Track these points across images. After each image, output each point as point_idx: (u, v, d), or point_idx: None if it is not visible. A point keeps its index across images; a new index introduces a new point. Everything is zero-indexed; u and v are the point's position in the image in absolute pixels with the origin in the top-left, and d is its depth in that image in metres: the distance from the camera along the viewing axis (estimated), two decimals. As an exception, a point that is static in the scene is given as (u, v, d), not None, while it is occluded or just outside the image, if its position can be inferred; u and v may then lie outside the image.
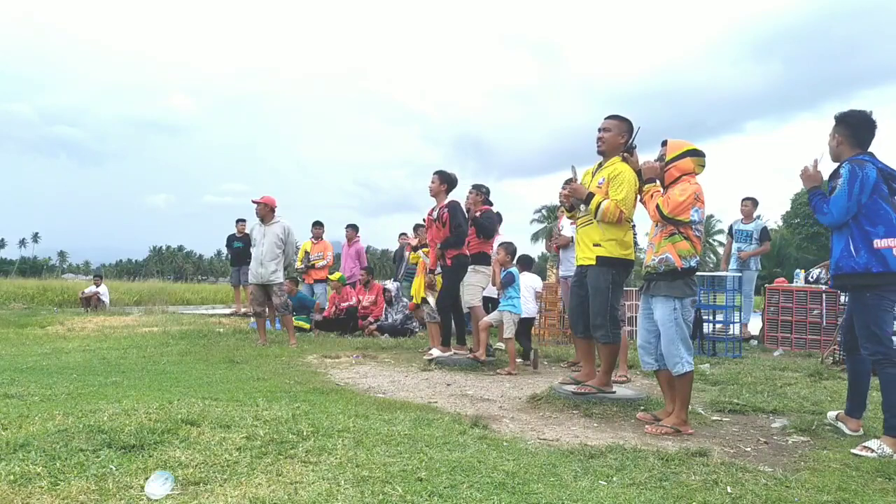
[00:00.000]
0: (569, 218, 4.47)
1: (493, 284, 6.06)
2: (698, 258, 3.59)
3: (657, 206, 3.56)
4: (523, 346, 6.40)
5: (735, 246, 8.42)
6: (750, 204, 8.54)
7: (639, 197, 4.06)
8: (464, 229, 5.94)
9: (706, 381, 5.20)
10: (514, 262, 6.02)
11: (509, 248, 5.85)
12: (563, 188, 4.32)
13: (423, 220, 6.48)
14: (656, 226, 3.68)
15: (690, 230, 3.54)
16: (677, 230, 3.54)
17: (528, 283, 6.72)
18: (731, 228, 8.76)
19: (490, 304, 6.68)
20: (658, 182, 3.75)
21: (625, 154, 4.05)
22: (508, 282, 5.71)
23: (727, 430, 3.63)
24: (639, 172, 4.03)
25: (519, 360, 5.99)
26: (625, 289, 4.43)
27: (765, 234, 8.47)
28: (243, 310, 11.05)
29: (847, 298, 3.76)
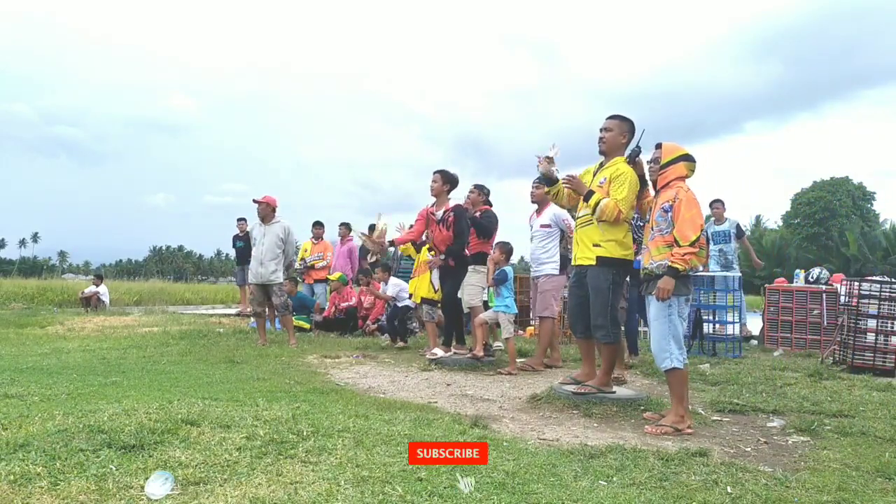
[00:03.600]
0: (546, 194, 4.44)
1: (488, 283, 6.06)
2: (700, 268, 3.64)
3: (675, 240, 3.51)
4: (399, 331, 7.31)
5: (716, 248, 8.52)
6: (720, 206, 8.79)
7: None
8: (466, 237, 5.97)
9: (706, 381, 5.20)
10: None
11: (505, 247, 5.84)
12: (543, 160, 4.27)
13: (420, 215, 6.41)
14: (652, 229, 3.69)
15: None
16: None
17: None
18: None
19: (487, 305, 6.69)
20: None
21: (634, 158, 4.04)
22: (501, 279, 5.69)
23: (727, 430, 3.63)
24: (642, 177, 4.03)
25: (521, 359, 5.99)
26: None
27: (740, 230, 8.77)
28: (248, 310, 11.03)
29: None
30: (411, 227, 6.49)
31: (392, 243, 6.58)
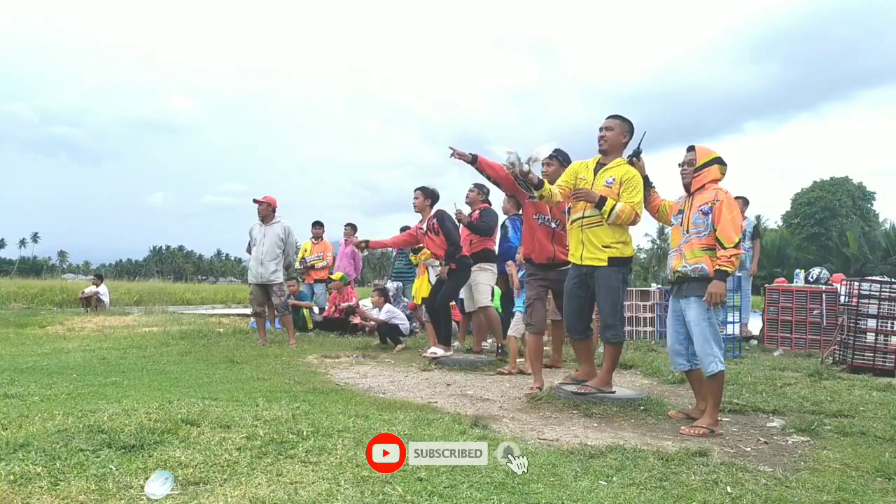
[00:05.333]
0: (539, 199, 4.19)
1: (512, 286, 6.01)
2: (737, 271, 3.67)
3: (719, 242, 3.51)
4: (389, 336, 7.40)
5: None
6: (741, 203, 8.66)
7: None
8: (455, 236, 6.02)
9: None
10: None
11: None
12: (523, 165, 4.04)
13: (410, 233, 6.60)
14: (686, 232, 3.66)
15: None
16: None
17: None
18: None
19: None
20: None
21: (633, 159, 4.05)
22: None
23: (727, 430, 3.63)
24: (645, 178, 4.03)
25: (520, 359, 5.98)
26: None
27: (756, 231, 8.66)
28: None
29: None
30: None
31: (367, 244, 6.70)
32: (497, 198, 6.64)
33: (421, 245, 6.78)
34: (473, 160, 4.76)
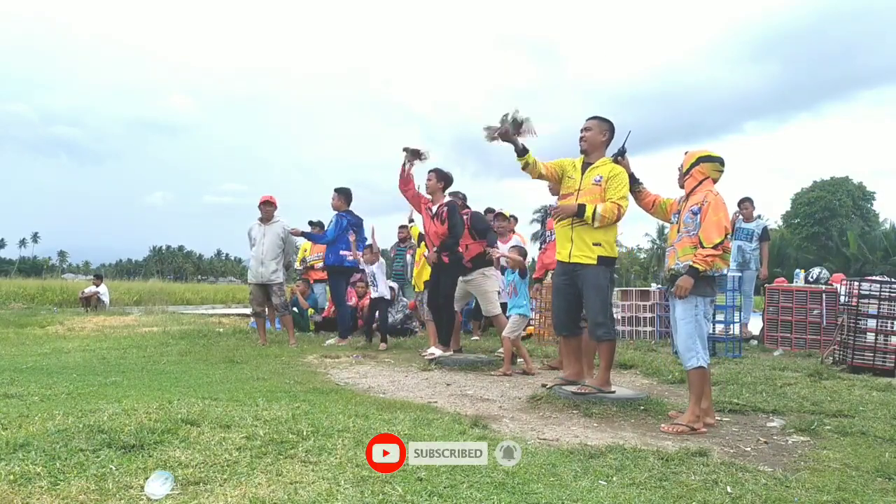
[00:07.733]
0: (523, 168, 4.23)
1: (513, 267, 5.92)
2: (724, 270, 3.72)
3: (700, 241, 3.57)
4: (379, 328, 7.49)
5: (735, 244, 8.39)
6: (749, 205, 8.64)
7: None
8: (459, 231, 6.02)
9: (706, 381, 5.20)
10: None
11: (522, 251, 5.92)
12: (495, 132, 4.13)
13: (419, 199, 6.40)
14: (678, 232, 3.74)
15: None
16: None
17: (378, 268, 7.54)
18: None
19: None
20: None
21: (618, 158, 4.11)
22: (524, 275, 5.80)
23: (727, 430, 3.63)
24: (631, 175, 4.11)
25: (519, 359, 5.99)
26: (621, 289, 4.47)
27: (765, 233, 8.60)
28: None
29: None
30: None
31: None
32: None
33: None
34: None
